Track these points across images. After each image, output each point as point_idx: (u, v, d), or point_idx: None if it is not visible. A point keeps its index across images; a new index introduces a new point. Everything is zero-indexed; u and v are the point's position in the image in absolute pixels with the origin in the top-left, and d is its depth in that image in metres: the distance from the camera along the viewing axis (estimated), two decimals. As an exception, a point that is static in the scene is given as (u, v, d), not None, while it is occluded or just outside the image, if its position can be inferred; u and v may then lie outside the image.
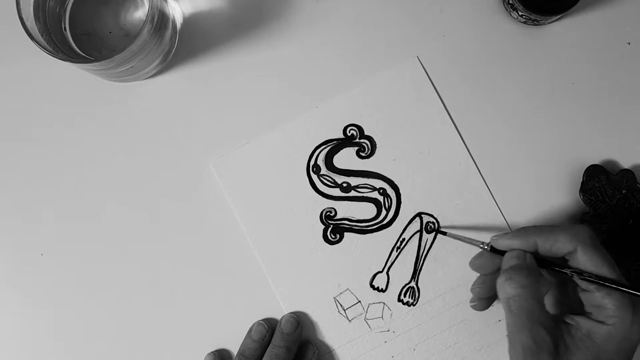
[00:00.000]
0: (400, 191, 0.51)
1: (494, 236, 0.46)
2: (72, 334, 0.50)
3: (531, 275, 0.42)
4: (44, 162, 0.51)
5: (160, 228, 0.51)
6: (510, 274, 0.42)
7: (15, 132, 0.51)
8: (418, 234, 0.51)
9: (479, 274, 0.48)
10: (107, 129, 0.52)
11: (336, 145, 0.52)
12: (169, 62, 0.52)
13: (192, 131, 0.52)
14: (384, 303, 0.50)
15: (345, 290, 0.51)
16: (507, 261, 0.44)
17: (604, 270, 0.41)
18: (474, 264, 0.47)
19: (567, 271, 0.43)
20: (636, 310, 0.41)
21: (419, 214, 0.51)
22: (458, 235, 0.49)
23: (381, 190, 0.51)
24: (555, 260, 0.44)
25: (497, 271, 0.45)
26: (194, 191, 0.51)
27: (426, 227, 0.51)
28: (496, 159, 0.52)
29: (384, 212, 0.51)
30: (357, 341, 0.50)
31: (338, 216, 0.51)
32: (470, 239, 0.47)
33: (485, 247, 0.46)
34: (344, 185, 0.51)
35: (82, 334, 0.50)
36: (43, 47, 0.43)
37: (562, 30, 0.52)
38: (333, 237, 0.51)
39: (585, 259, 0.42)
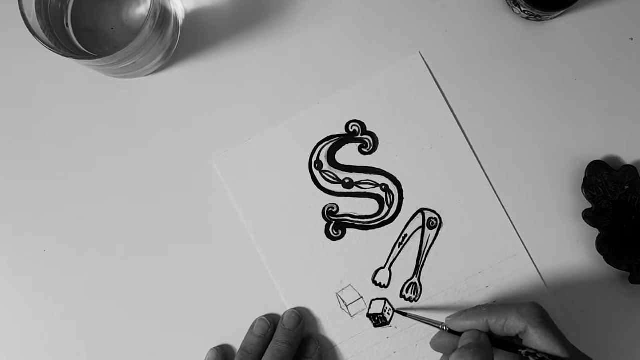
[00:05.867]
0: (403, 187, 0.51)
1: (448, 317, 0.46)
2: (74, 330, 0.50)
3: (481, 353, 0.41)
4: (46, 158, 0.51)
5: (163, 224, 0.51)
6: (461, 352, 0.42)
7: (17, 128, 0.52)
8: (420, 230, 0.51)
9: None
10: (109, 125, 0.52)
11: (338, 141, 0.52)
12: (171, 58, 0.52)
13: (194, 127, 0.52)
14: (386, 299, 0.51)
15: (347, 286, 0.51)
16: (462, 341, 0.44)
17: (556, 349, 0.41)
18: (435, 343, 0.47)
19: (522, 351, 0.42)
20: None
21: (421, 210, 0.51)
22: (418, 316, 0.48)
23: (383, 186, 0.51)
24: (510, 340, 0.44)
25: None
26: (196, 187, 0.51)
27: (428, 223, 0.51)
28: (498, 154, 0.52)
29: (386, 208, 0.51)
30: (359, 337, 0.50)
31: (340, 212, 0.51)
32: (429, 320, 0.47)
33: (444, 328, 0.45)
34: (346, 181, 0.51)
35: (84, 330, 0.50)
36: (45, 44, 0.43)
37: (564, 26, 0.52)
38: (335, 233, 0.51)
39: (536, 338, 0.42)
